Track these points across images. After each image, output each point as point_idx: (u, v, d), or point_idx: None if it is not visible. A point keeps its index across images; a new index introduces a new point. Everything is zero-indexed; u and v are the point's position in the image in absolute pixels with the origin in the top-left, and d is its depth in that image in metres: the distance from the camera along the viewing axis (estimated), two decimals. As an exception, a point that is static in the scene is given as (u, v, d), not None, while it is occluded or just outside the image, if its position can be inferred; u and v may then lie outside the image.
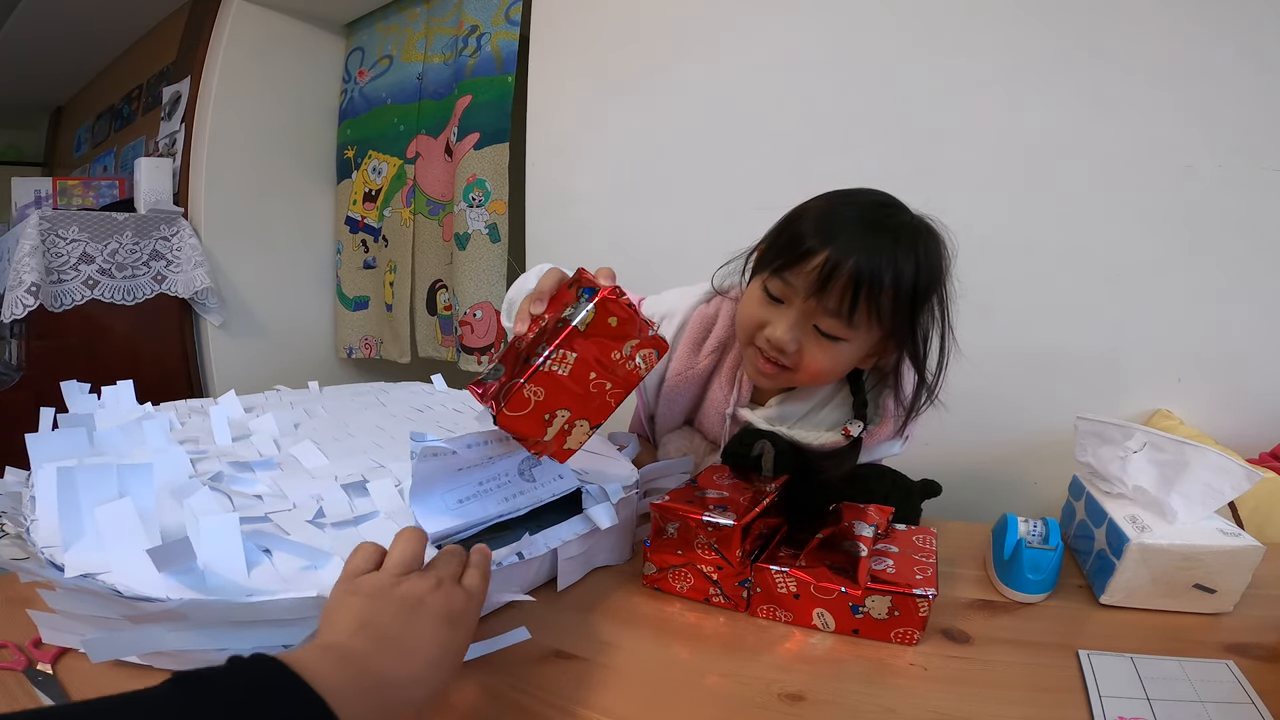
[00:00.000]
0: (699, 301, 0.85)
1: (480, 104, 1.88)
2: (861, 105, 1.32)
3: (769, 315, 0.71)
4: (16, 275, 1.71)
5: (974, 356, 1.30)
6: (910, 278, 0.67)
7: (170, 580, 0.45)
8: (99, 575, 0.45)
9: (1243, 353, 1.08)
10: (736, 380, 0.81)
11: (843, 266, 0.65)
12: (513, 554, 0.58)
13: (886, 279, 0.65)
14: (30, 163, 3.54)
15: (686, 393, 0.84)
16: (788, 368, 0.72)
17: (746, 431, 0.79)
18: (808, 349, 0.70)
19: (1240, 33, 1.03)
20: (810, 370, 0.72)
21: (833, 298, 0.66)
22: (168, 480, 0.56)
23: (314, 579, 0.48)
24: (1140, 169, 1.11)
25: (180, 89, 2.17)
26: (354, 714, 0.33)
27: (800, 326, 0.70)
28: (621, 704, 0.49)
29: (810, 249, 0.66)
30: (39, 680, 0.49)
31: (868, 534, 0.66)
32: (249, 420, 0.76)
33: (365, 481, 0.61)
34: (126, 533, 0.48)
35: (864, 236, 0.66)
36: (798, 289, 0.68)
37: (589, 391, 0.55)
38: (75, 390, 0.72)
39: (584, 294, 0.54)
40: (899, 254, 0.66)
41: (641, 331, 0.55)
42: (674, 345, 0.83)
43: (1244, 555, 0.58)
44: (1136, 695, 0.48)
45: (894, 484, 0.80)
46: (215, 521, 0.48)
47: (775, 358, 0.71)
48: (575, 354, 0.53)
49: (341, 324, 2.36)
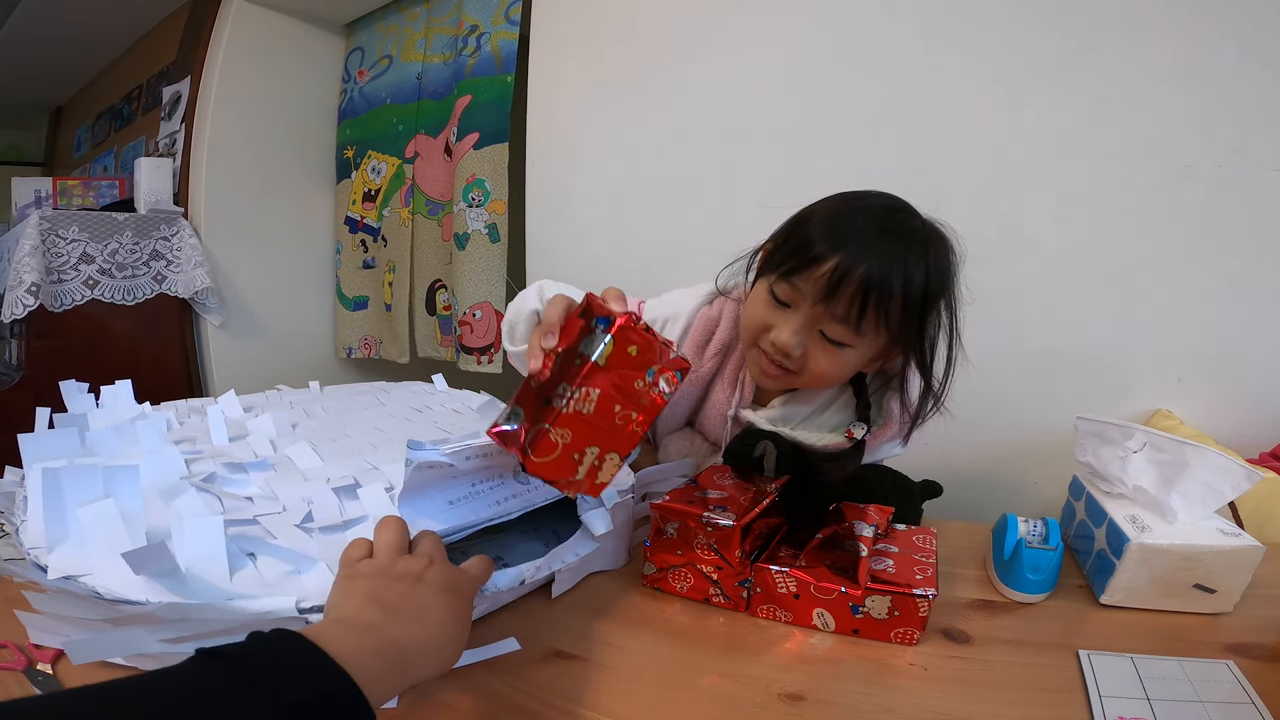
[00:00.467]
0: (702, 303, 0.84)
1: (480, 104, 1.88)
2: (861, 105, 1.32)
3: (774, 319, 0.71)
4: (16, 275, 1.71)
5: (974, 356, 1.30)
6: (920, 285, 0.66)
7: (151, 583, 0.44)
8: (81, 577, 0.45)
9: (1243, 353, 1.08)
10: (739, 382, 0.81)
11: (853, 274, 0.64)
12: (516, 580, 0.57)
13: (896, 286, 0.65)
14: (30, 163, 3.54)
15: (689, 395, 0.84)
16: (792, 371, 0.72)
17: (749, 432, 0.79)
18: (812, 354, 0.70)
19: (1241, 32, 1.03)
20: (814, 374, 0.72)
21: (841, 305, 0.66)
22: (157, 481, 0.55)
23: (296, 584, 0.48)
24: (1140, 169, 1.11)
25: (180, 89, 2.17)
26: (374, 681, 0.34)
27: (806, 331, 0.69)
28: (621, 704, 0.49)
29: (820, 255, 0.65)
30: (39, 680, 0.49)
31: (868, 534, 0.66)
32: (247, 420, 0.76)
33: (357, 485, 0.61)
34: (109, 535, 0.48)
35: (875, 243, 0.65)
36: (805, 294, 0.68)
37: (615, 424, 0.53)
38: (74, 390, 0.71)
39: (598, 324, 0.51)
40: (909, 261, 0.65)
41: (662, 355, 0.53)
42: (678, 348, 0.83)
43: (1244, 555, 0.58)
44: (1136, 695, 0.48)
45: (895, 484, 0.80)
46: (198, 524, 0.48)
47: (780, 361, 0.71)
48: (598, 390, 0.51)
49: (341, 324, 2.36)
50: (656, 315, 0.84)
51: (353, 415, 0.84)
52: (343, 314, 2.35)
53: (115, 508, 0.49)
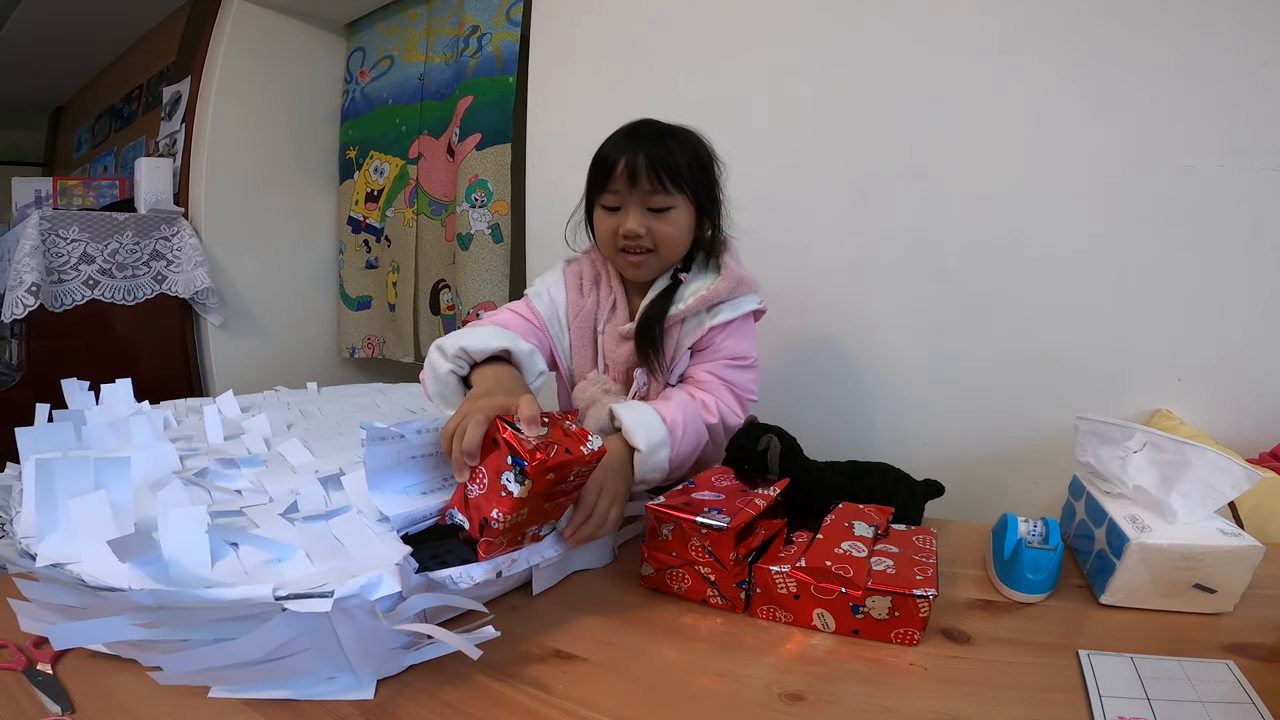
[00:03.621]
0: (568, 262, 1.01)
1: (482, 104, 1.88)
2: (861, 105, 1.32)
3: (616, 220, 0.89)
4: (17, 275, 1.71)
5: (974, 356, 1.30)
6: (690, 150, 0.89)
7: (134, 571, 0.45)
8: (68, 565, 0.46)
9: (1243, 352, 1.08)
10: (610, 305, 0.95)
11: (638, 158, 0.86)
12: (491, 572, 0.57)
13: (677, 154, 0.87)
14: (30, 163, 3.54)
15: (588, 332, 0.96)
16: (650, 249, 0.89)
17: (753, 426, 0.80)
18: (654, 228, 0.88)
19: (1241, 32, 1.03)
20: (664, 240, 0.89)
21: (646, 180, 0.86)
22: (148, 475, 0.56)
23: (276, 573, 0.49)
24: (1140, 169, 1.11)
25: (180, 89, 2.17)
26: None
27: (640, 213, 0.88)
28: (621, 704, 0.49)
29: (614, 162, 0.87)
30: (39, 680, 0.49)
31: (867, 534, 0.66)
32: (243, 420, 0.76)
33: (341, 474, 0.61)
34: (97, 524, 0.49)
35: (642, 138, 0.88)
36: (622, 191, 0.88)
37: (545, 511, 0.60)
38: (75, 388, 0.72)
39: (515, 464, 0.54)
40: (671, 139, 0.89)
41: (580, 462, 0.57)
42: (563, 299, 0.97)
43: (1244, 555, 0.58)
44: (1136, 695, 0.48)
45: (898, 482, 0.80)
46: (182, 514, 0.49)
47: (637, 245, 0.89)
48: (526, 509, 0.57)
49: (344, 323, 2.36)
50: (538, 291, 0.98)
51: (348, 416, 0.84)
52: (346, 314, 2.35)
53: (105, 499, 0.50)
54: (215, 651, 0.47)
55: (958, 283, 1.26)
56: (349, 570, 0.49)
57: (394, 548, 0.53)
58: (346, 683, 0.50)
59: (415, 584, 0.52)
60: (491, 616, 0.54)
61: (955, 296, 1.27)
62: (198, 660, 0.47)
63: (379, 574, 0.48)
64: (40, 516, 0.49)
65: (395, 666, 0.51)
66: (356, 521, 0.55)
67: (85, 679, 0.49)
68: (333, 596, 0.44)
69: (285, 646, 0.47)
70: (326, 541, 0.53)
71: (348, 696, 0.49)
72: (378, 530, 0.55)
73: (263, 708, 0.47)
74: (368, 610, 0.47)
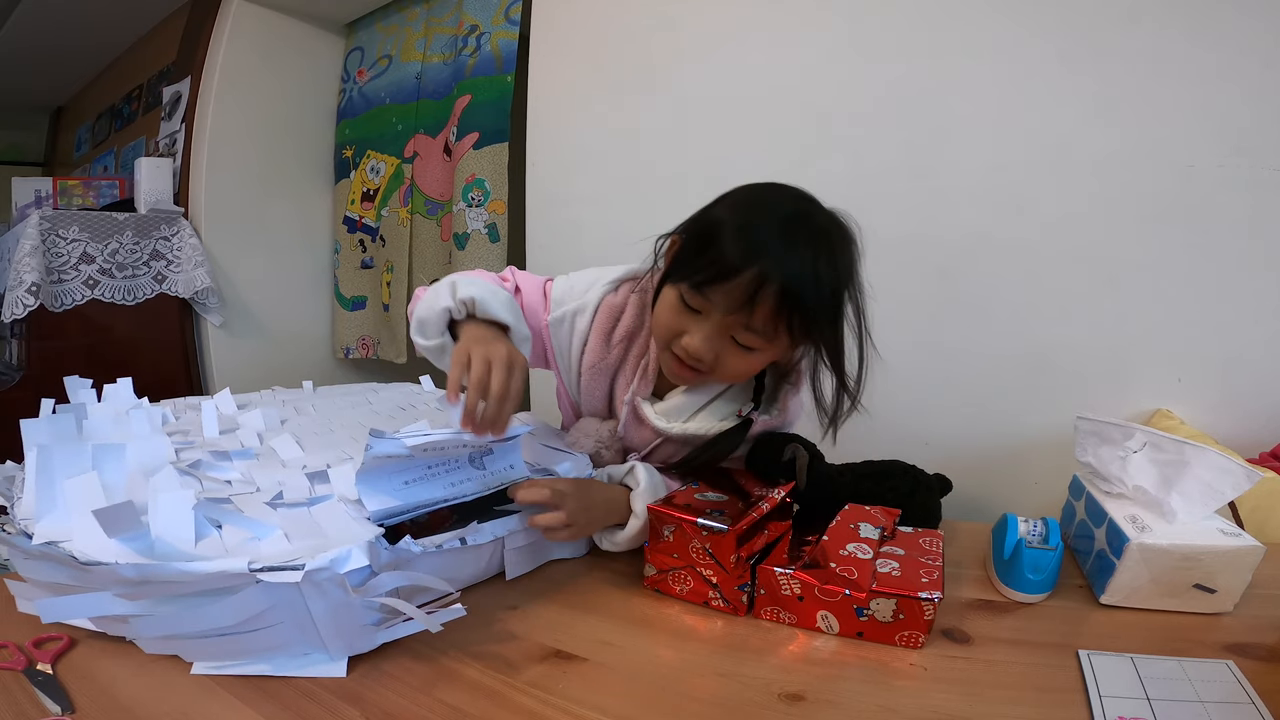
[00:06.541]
0: (607, 291, 0.83)
1: (480, 103, 1.88)
2: (861, 105, 1.32)
3: (686, 325, 0.71)
4: (17, 275, 1.71)
5: (974, 356, 1.30)
6: (829, 286, 0.67)
7: (121, 547, 0.47)
8: (61, 543, 0.48)
9: (1243, 352, 1.08)
10: (641, 370, 0.81)
11: (767, 288, 0.64)
12: (455, 539, 0.59)
13: (808, 295, 0.65)
14: (30, 163, 3.54)
15: (602, 384, 0.84)
16: (704, 371, 0.73)
17: (776, 437, 0.78)
18: (724, 357, 0.71)
19: (1241, 32, 1.03)
20: (726, 375, 0.73)
21: (756, 317, 0.66)
22: (143, 464, 0.58)
23: (253, 549, 0.50)
24: (1140, 169, 1.11)
25: (180, 89, 2.17)
26: None
27: (718, 339, 0.70)
28: (621, 704, 0.49)
29: (733, 267, 0.65)
30: (39, 680, 0.49)
31: (873, 536, 0.65)
32: (239, 416, 0.78)
33: (328, 468, 0.62)
34: (90, 504, 0.50)
35: (786, 254, 0.65)
36: (717, 304, 0.68)
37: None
38: (77, 385, 0.73)
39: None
40: (819, 265, 0.66)
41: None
42: (587, 337, 0.82)
43: (1244, 555, 0.58)
44: (1136, 695, 0.48)
45: (916, 481, 0.80)
46: (170, 496, 0.51)
47: (693, 364, 0.72)
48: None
49: (339, 324, 2.36)
50: (563, 299, 0.83)
51: (341, 413, 0.86)
52: (340, 314, 2.34)
53: (98, 480, 0.53)
54: (190, 616, 0.49)
55: (957, 282, 1.26)
56: (323, 548, 0.50)
57: (368, 530, 0.54)
58: (319, 659, 0.52)
59: (385, 561, 0.53)
60: (458, 594, 0.56)
61: (955, 296, 1.26)
62: (174, 624, 0.50)
63: (349, 548, 0.49)
64: (39, 499, 0.52)
65: (367, 644, 0.53)
66: (336, 507, 0.56)
67: (85, 679, 0.50)
68: (304, 569, 0.46)
69: (260, 618, 0.49)
70: (305, 524, 0.54)
71: (321, 673, 0.51)
72: (355, 515, 0.56)
73: (263, 708, 0.47)
74: (338, 584, 0.49)
